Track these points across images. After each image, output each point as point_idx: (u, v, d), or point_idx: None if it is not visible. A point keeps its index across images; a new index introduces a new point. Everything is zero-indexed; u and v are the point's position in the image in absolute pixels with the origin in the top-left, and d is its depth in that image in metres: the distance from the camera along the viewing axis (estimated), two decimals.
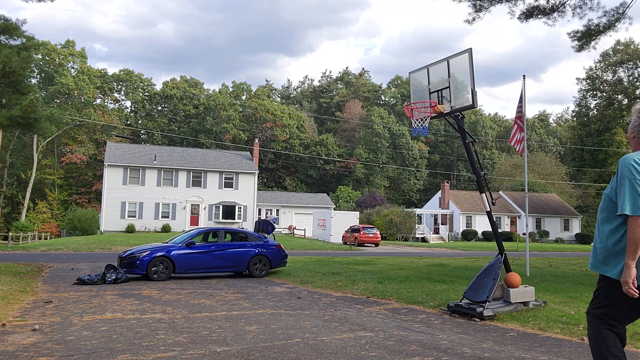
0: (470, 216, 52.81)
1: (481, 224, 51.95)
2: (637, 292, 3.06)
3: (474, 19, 16.56)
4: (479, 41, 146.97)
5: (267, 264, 14.04)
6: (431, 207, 56.63)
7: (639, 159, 3.20)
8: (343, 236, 37.08)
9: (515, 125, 13.76)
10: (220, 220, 43.19)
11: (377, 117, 75.46)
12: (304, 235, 42.68)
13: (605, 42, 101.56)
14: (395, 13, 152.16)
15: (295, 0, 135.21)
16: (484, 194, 8.35)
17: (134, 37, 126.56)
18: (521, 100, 13.68)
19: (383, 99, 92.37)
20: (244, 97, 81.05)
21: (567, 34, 17.65)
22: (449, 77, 8.17)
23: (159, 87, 78.89)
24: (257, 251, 13.97)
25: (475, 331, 6.74)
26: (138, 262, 12.64)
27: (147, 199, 41.99)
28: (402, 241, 46.04)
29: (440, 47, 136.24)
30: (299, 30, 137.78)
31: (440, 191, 56.59)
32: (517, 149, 13.75)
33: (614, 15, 16.53)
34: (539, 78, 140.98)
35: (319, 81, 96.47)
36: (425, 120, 8.25)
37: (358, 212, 43.63)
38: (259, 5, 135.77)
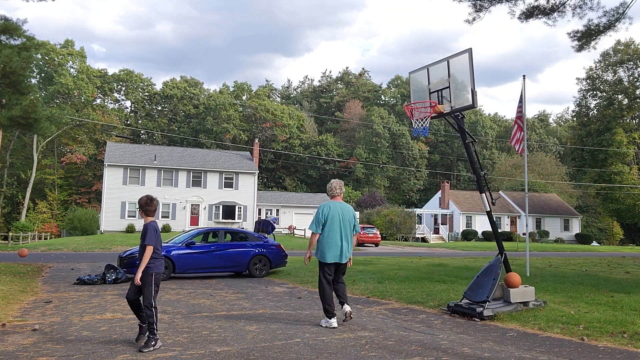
0: (470, 216, 52.82)
1: (481, 224, 51.95)
2: (308, 261, 7.34)
3: (474, 19, 16.53)
4: (475, 42, 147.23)
5: (267, 264, 14.04)
6: (431, 207, 56.63)
7: (324, 206, 6.99)
8: None
9: (516, 126, 13.77)
10: (220, 220, 43.19)
11: (377, 117, 75.46)
12: (304, 235, 42.68)
13: (605, 42, 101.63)
14: (392, 14, 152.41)
15: (292, 0, 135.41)
16: (484, 194, 8.34)
17: (133, 37, 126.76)
18: (521, 100, 13.69)
19: (383, 99, 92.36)
20: (244, 97, 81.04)
21: (567, 33, 17.63)
22: (449, 77, 8.17)
23: (158, 87, 78.96)
24: (257, 251, 13.96)
25: (475, 331, 6.74)
26: (138, 262, 12.63)
27: None
28: (402, 241, 46.05)
29: (437, 48, 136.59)
30: (296, 30, 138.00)
31: (440, 191, 56.60)
32: (517, 149, 13.75)
33: (614, 15, 16.51)
34: (535, 78, 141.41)
35: (319, 81, 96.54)
36: (426, 120, 8.24)
37: (358, 212, 43.62)
38: (256, 6, 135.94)
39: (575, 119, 70.76)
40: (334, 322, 6.83)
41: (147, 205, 5.85)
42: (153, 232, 5.79)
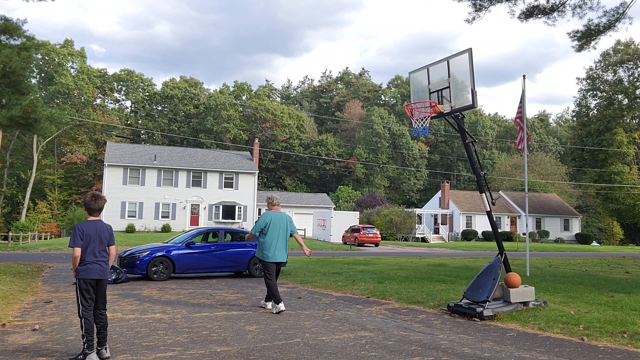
0: (470, 216, 52.81)
1: (481, 224, 51.94)
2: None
3: (474, 19, 16.53)
4: (474, 42, 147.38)
5: None
6: (431, 207, 56.62)
7: (267, 214, 8.30)
8: (343, 236, 37.07)
9: (518, 127, 13.80)
10: (220, 220, 43.18)
11: (377, 117, 75.44)
12: (304, 235, 42.67)
13: (606, 42, 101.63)
14: (390, 14, 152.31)
15: (291, 1, 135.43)
16: (484, 194, 8.35)
17: (132, 38, 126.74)
18: (522, 100, 13.70)
19: (383, 99, 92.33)
20: (244, 97, 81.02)
21: (567, 33, 17.64)
22: (449, 77, 8.17)
23: (158, 87, 78.94)
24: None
25: (475, 331, 6.74)
26: (138, 262, 12.64)
27: (147, 199, 41.97)
28: (402, 241, 46.04)
29: (436, 48, 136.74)
30: (295, 30, 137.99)
31: (440, 191, 56.58)
32: (520, 148, 13.78)
33: (614, 15, 16.50)
34: (534, 79, 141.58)
35: (319, 81, 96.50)
36: (426, 120, 8.25)
37: (358, 212, 43.63)
38: (255, 6, 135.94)
39: (575, 119, 70.75)
40: (281, 306, 7.95)
41: (91, 203, 5.31)
42: (76, 233, 5.14)
